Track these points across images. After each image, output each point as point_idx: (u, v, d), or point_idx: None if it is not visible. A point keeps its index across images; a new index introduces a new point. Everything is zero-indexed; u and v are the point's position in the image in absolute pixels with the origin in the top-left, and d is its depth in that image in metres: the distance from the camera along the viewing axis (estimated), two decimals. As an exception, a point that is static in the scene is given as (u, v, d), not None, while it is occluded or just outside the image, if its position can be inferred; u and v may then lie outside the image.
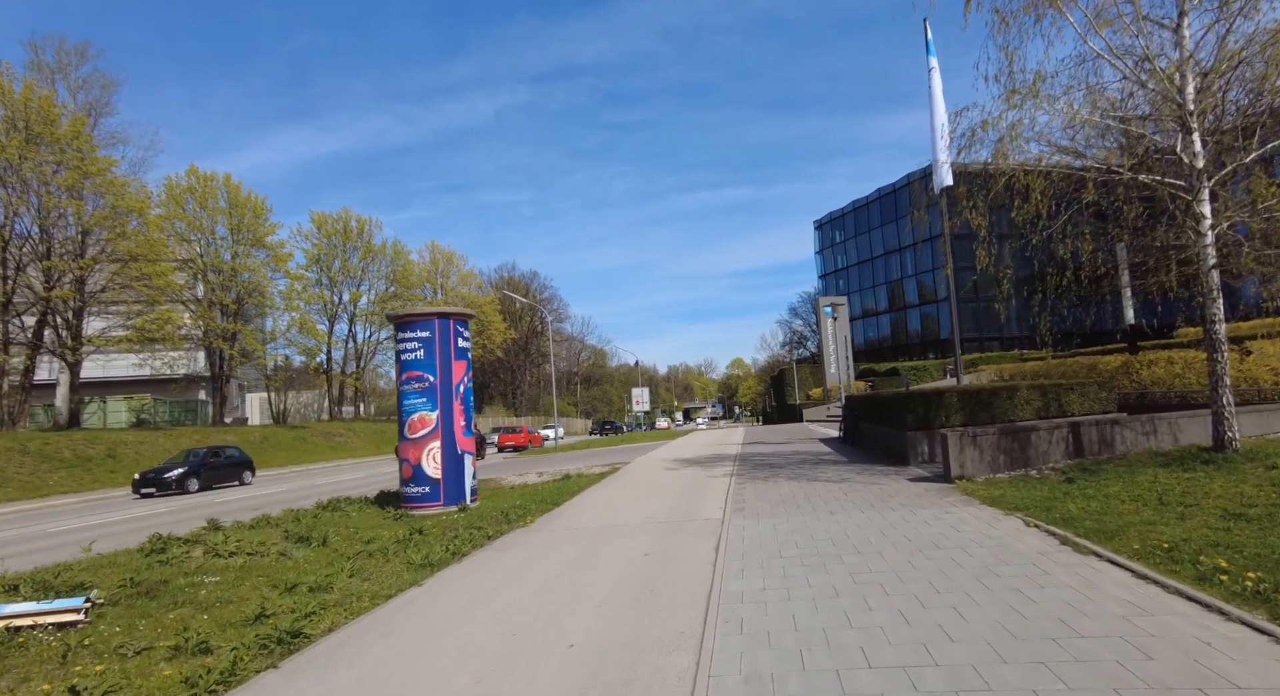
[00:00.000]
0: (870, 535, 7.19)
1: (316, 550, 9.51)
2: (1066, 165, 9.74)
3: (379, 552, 8.71)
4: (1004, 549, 6.15)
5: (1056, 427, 10.77)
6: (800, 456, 16.84)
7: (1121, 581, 4.95)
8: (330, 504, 13.46)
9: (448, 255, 63.50)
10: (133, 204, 30.26)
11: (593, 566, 6.94)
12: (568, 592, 5.99)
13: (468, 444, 12.76)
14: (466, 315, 13.26)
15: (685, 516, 9.43)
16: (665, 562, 6.82)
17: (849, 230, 78.37)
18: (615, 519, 9.73)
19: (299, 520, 11.78)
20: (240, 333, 39.01)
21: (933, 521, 7.61)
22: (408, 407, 12.49)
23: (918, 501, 8.97)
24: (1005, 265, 10.36)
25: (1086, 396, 14.00)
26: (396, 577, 7.24)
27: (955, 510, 8.14)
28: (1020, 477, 9.89)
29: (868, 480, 11.36)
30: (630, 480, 14.69)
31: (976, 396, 13.30)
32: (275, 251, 42.39)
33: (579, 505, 11.54)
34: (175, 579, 7.78)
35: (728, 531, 8.01)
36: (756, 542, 7.29)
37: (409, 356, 12.55)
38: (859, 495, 9.86)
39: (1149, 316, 18.43)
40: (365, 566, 8.04)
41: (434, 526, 10.68)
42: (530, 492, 13.87)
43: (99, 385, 42.87)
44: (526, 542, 8.60)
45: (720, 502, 10.30)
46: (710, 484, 12.68)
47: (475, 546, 8.63)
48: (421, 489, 12.33)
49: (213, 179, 40.63)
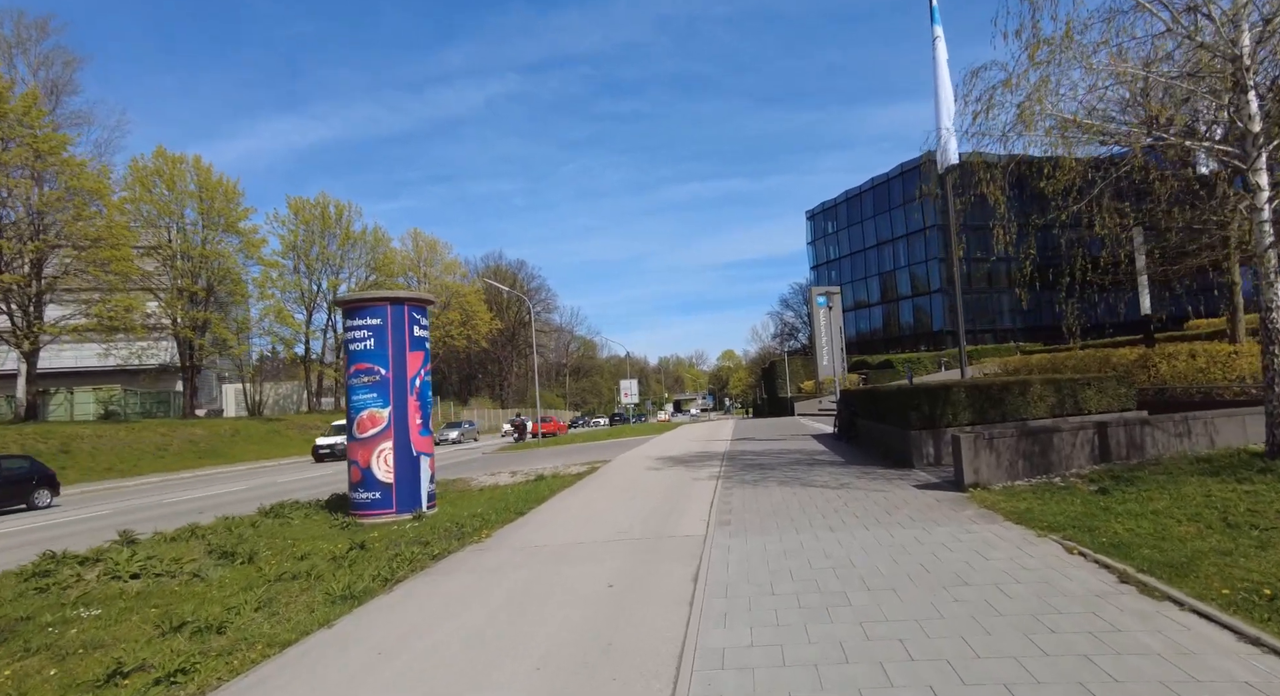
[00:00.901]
0: (880, 562, 5.97)
1: (239, 569, 8.24)
2: (1102, 129, 8.49)
3: (305, 575, 7.45)
4: (1049, 587, 4.94)
5: (1081, 428, 9.60)
6: (793, 456, 15.65)
7: (1227, 648, 3.74)
8: (274, 509, 12.17)
9: (431, 243, 61.90)
10: (90, 185, 28.59)
11: (542, 602, 5.69)
12: (501, 646, 4.74)
13: (425, 444, 11.47)
14: (423, 301, 11.93)
15: (662, 531, 8.20)
16: (631, 599, 5.59)
17: (841, 220, 77.17)
18: (582, 533, 8.49)
19: (231, 530, 10.49)
20: (210, 321, 37.43)
21: (952, 544, 6.41)
22: (356, 404, 11.19)
23: (930, 515, 7.77)
24: (1027, 246, 9.12)
25: (1104, 392, 12.86)
26: (308, 613, 5.98)
27: (976, 528, 6.94)
28: (1043, 486, 8.71)
29: (869, 486, 10.17)
30: (608, 483, 13.46)
31: (987, 392, 12.12)
32: (248, 237, 40.71)
33: (546, 514, 10.29)
34: (44, 613, 6.49)
35: (710, 553, 6.79)
36: (743, 571, 6.07)
37: (357, 346, 11.23)
38: (861, 506, 8.66)
39: (1169, 306, 17.35)
40: (281, 594, 6.79)
41: (380, 539, 9.43)
42: (497, 497, 12.61)
43: (68, 375, 41.22)
44: (474, 565, 7.34)
45: (703, 513, 9.08)
46: (694, 489, 11.46)
47: (414, 569, 7.37)
48: (371, 495, 11.05)
49: (181, 161, 38.92)
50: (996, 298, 64.66)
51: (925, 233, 64.69)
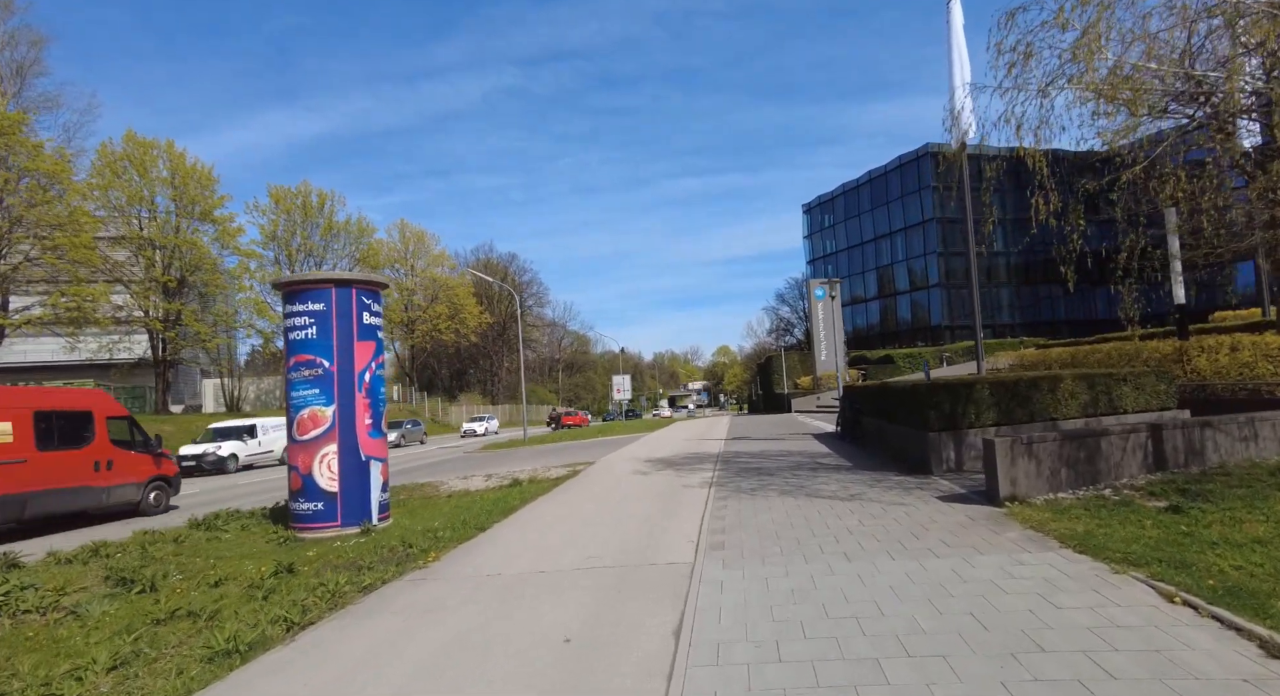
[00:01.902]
0: (918, 611, 4.59)
1: (131, 601, 6.81)
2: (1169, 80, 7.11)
3: (202, 612, 6.03)
4: (1167, 663, 3.55)
5: (1133, 431, 8.24)
6: (793, 458, 14.27)
7: None
8: (207, 521, 10.74)
9: (418, 234, 60.29)
10: (48, 167, 26.95)
11: (475, 667, 4.29)
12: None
13: (376, 447, 10.03)
14: (375, 284, 10.47)
15: (642, 556, 6.80)
16: (591, 665, 4.19)
17: (838, 214, 75.83)
18: (545, 558, 7.08)
19: (145, 548, 9.06)
20: (182, 314, 35.82)
21: (1006, 582, 5.03)
22: (296, 401, 9.74)
23: (966, 538, 6.40)
24: (1076, 214, 7.70)
25: (1142, 389, 11.51)
26: (169, 680, 4.56)
27: (1030, 559, 5.57)
28: (1093, 500, 7.35)
29: (885, 497, 8.80)
30: (587, 490, 12.06)
31: (1013, 389, 10.76)
32: (223, 225, 39.05)
33: (510, 529, 8.88)
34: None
35: (698, 593, 5.39)
36: (740, 621, 4.68)
37: (297, 335, 9.78)
38: (880, 524, 7.28)
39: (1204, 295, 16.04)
40: (158, 642, 5.38)
41: (315, 559, 8.03)
42: (463, 506, 11.19)
43: (42, 369, 39.67)
44: (406, 602, 5.93)
45: (692, 530, 7.69)
46: (683, 498, 10.07)
47: (334, 606, 5.97)
48: (313, 505, 9.61)
49: (153, 146, 37.22)
50: (995, 292, 63.44)
51: (923, 226, 63.38)
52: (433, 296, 60.31)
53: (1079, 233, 7.61)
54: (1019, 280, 63.97)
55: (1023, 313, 63.77)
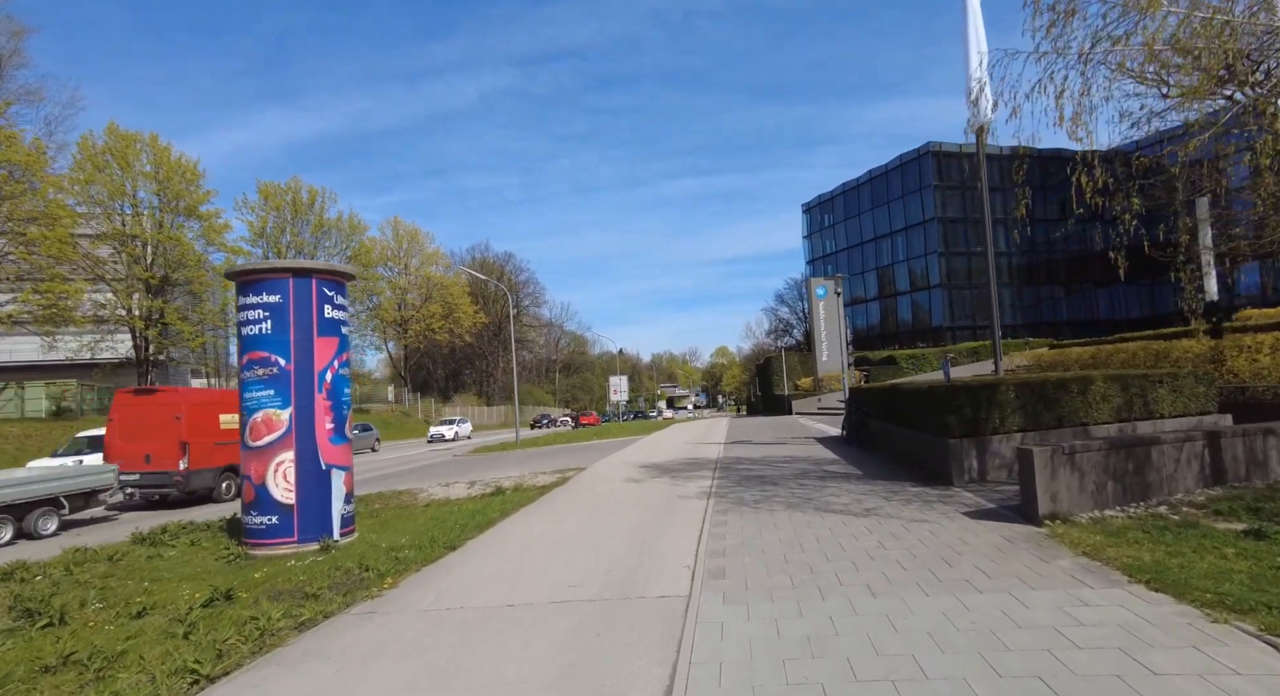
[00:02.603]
0: (970, 673, 3.62)
1: (31, 638, 5.85)
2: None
3: (100, 658, 5.04)
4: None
5: (1187, 439, 7.29)
6: (798, 465, 13.30)
7: None
8: (153, 535, 9.77)
9: (412, 232, 59.24)
10: (21, 158, 25.91)
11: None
12: None
13: (338, 455, 9.04)
14: (339, 274, 9.49)
15: (629, 587, 5.83)
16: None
17: (838, 213, 74.89)
18: (518, 586, 6.10)
19: (71, 569, 8.07)
20: (164, 312, 34.78)
21: (1073, 632, 4.06)
22: (249, 404, 8.75)
23: (1008, 567, 5.43)
24: (1132, 186, 6.75)
25: (1180, 392, 10.56)
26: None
27: (1093, 597, 4.61)
28: (1149, 519, 6.39)
29: (904, 512, 7.83)
30: (575, 500, 11.08)
31: (1039, 391, 9.81)
32: (209, 222, 37.98)
33: (483, 548, 7.91)
34: None
35: (694, 638, 4.43)
36: (744, 682, 3.70)
37: (251, 330, 8.80)
38: (904, 545, 6.32)
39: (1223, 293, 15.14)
40: (33, 690, 4.41)
41: (260, 583, 7.08)
42: (438, 518, 10.21)
43: (27, 369, 38.70)
44: (344, 645, 4.95)
45: (688, 554, 6.72)
46: (679, 512, 9.10)
47: (255, 650, 4.99)
48: (267, 519, 8.62)
49: (136, 139, 36.14)
50: (998, 292, 62.53)
51: (924, 226, 62.46)
52: (427, 295, 59.29)
53: (1131, 212, 6.68)
54: (1020, 281, 63.21)
55: (1024, 313, 62.90)
